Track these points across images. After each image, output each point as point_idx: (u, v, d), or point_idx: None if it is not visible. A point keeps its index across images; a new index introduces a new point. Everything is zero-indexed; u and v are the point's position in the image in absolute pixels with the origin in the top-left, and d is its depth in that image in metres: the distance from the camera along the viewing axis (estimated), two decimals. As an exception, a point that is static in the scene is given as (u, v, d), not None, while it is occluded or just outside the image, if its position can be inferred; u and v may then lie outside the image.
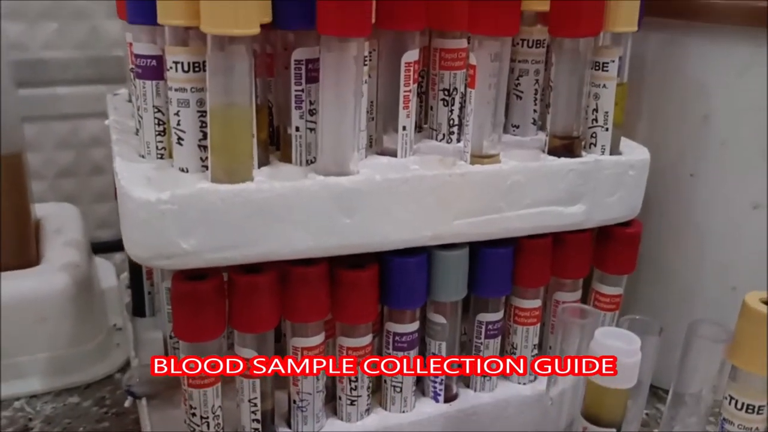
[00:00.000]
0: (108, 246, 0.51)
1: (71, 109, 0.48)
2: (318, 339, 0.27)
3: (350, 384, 0.28)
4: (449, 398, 0.31)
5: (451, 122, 0.29)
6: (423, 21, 0.26)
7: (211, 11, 0.21)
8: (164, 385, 0.29)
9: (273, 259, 0.25)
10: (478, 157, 0.27)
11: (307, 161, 0.26)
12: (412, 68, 0.26)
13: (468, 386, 0.31)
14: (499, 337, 0.31)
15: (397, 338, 0.28)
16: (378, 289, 0.27)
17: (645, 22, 0.30)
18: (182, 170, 0.25)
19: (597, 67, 0.28)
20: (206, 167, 0.25)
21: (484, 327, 0.30)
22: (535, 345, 0.31)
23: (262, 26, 0.23)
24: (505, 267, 0.29)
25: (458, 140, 0.30)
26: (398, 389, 0.29)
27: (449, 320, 0.29)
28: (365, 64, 0.25)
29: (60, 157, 0.49)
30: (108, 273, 0.46)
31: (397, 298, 0.28)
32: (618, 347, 0.23)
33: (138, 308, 0.36)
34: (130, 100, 0.35)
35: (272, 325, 0.26)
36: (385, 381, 0.29)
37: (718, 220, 0.33)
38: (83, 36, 0.47)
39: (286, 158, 0.26)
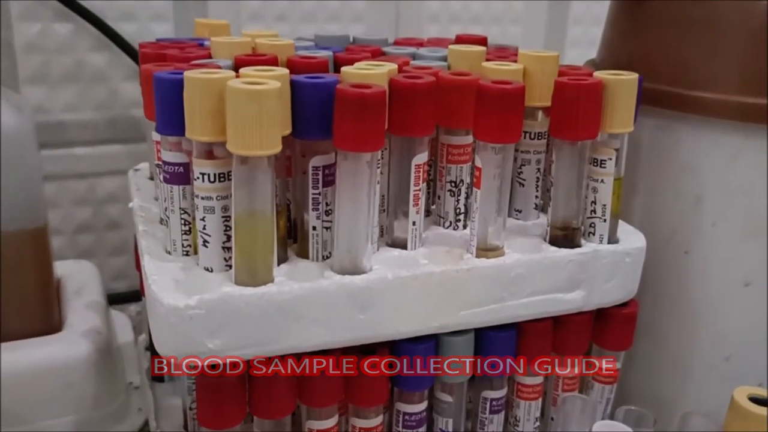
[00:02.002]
0: (123, 297, 0.53)
1: (88, 168, 0.50)
2: (331, 422, 0.29)
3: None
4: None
5: (458, 211, 0.31)
6: (432, 128, 0.27)
7: (237, 135, 0.23)
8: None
9: (291, 353, 0.26)
10: (483, 250, 0.29)
11: (323, 256, 0.28)
12: (421, 169, 0.28)
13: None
14: (503, 411, 0.32)
15: (406, 417, 0.30)
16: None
17: (641, 108, 0.32)
18: (207, 269, 0.26)
19: (595, 163, 0.30)
20: (230, 266, 0.26)
21: (488, 403, 0.32)
22: (537, 418, 0.33)
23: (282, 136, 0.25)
24: (507, 349, 0.31)
25: (464, 227, 0.31)
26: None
27: (455, 398, 0.31)
28: (378, 166, 0.27)
29: (78, 213, 0.51)
30: (124, 327, 0.48)
31: (407, 382, 0.29)
32: (614, 442, 0.24)
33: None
34: (151, 178, 0.37)
35: (289, 411, 0.27)
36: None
37: (712, 295, 0.35)
38: (102, 98, 0.49)
39: (303, 252, 0.28)
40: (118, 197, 0.51)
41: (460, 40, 0.39)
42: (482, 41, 0.38)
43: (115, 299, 0.51)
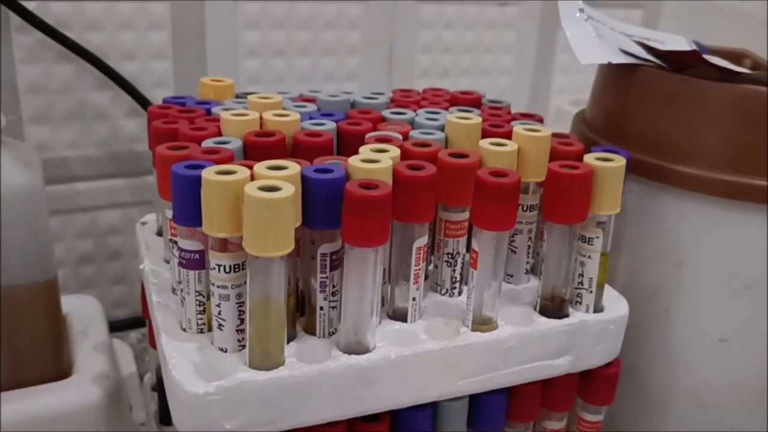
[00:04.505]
0: (123, 324, 0.54)
1: (90, 201, 0.51)
2: (337, 483, 0.31)
3: None
4: None
5: (454, 280, 0.33)
6: (432, 214, 0.29)
7: (253, 238, 0.25)
8: None
9: (300, 427, 0.28)
10: (478, 324, 0.31)
11: (329, 333, 0.30)
12: (422, 251, 0.30)
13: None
14: (494, 463, 0.35)
15: (405, 474, 0.32)
16: (390, 437, 0.31)
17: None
18: (222, 350, 0.28)
19: (583, 240, 0.32)
20: (243, 346, 0.28)
21: (481, 456, 0.34)
22: (525, 468, 0.35)
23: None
24: (499, 409, 0.33)
25: (459, 293, 0.33)
26: None
27: (451, 454, 0.33)
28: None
29: (80, 245, 0.52)
30: (126, 357, 0.49)
31: (406, 444, 0.31)
32: None
33: (165, 416, 0.40)
34: (159, 234, 0.38)
35: (298, 476, 0.30)
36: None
37: (690, 349, 0.37)
38: (104, 135, 0.50)
39: (311, 327, 0.30)
40: (119, 229, 0.53)
41: (456, 99, 0.40)
42: (476, 101, 0.40)
43: (116, 327, 0.53)
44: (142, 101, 0.49)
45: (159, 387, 0.41)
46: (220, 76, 0.48)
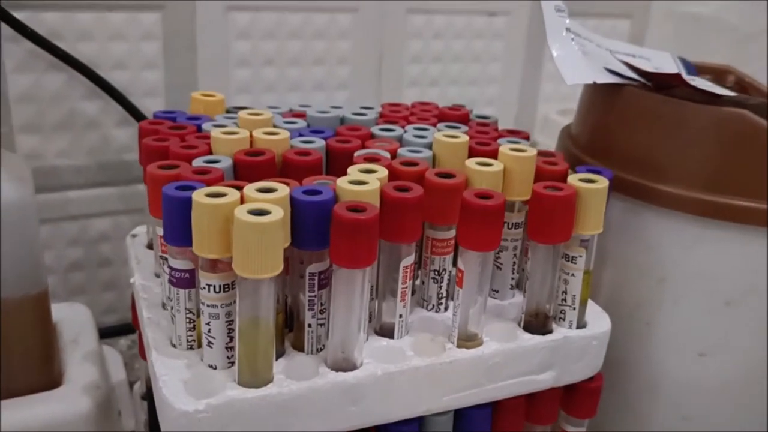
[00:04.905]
0: (113, 331, 0.55)
1: (81, 210, 0.51)
2: (324, 496, 0.31)
3: None
4: None
5: (440, 296, 0.34)
6: (419, 234, 0.30)
7: (243, 260, 0.25)
8: None
9: (289, 442, 0.29)
10: (463, 341, 0.31)
11: (317, 349, 0.30)
12: (408, 269, 0.30)
13: None
14: (479, 475, 0.35)
15: (391, 487, 0.33)
16: (376, 451, 0.31)
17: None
18: (211, 366, 0.29)
19: (567, 258, 0.32)
20: (232, 363, 0.29)
21: (466, 469, 0.35)
22: (509, 479, 0.36)
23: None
24: (484, 423, 0.33)
25: (445, 309, 0.34)
26: None
27: (436, 467, 0.34)
28: (369, 267, 0.29)
29: (70, 253, 0.52)
30: (116, 364, 0.50)
31: (393, 458, 0.32)
32: None
33: (154, 426, 0.40)
34: (150, 246, 0.38)
35: (286, 490, 0.30)
36: None
37: (671, 362, 0.38)
38: (94, 144, 0.50)
39: (299, 343, 0.31)
40: (110, 236, 0.53)
41: (444, 115, 0.41)
42: (464, 117, 0.41)
43: (105, 333, 0.53)
44: (133, 111, 0.50)
45: (149, 396, 0.41)
46: (211, 85, 0.49)
